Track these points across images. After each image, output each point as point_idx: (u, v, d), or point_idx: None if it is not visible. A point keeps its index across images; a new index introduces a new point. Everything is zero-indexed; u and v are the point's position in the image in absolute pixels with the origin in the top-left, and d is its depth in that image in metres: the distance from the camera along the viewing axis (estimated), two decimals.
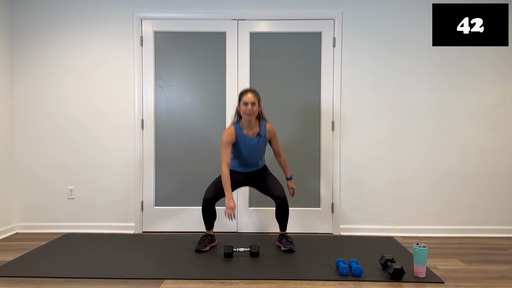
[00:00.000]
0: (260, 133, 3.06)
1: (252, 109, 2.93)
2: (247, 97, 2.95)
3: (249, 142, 3.04)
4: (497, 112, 3.60)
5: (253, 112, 2.95)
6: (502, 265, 2.83)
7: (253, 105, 2.94)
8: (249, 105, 2.93)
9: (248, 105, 2.93)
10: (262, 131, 3.06)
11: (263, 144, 3.11)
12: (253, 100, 2.94)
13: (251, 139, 3.04)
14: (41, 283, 2.46)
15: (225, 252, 2.91)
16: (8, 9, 3.60)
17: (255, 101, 2.95)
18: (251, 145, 3.05)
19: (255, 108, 2.95)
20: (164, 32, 3.65)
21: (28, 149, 3.68)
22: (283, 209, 3.11)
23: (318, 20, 3.61)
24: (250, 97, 2.95)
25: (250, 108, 2.93)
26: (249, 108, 2.93)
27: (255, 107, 2.95)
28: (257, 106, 2.98)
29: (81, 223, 3.68)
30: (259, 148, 3.10)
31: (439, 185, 3.62)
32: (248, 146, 3.05)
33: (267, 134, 3.10)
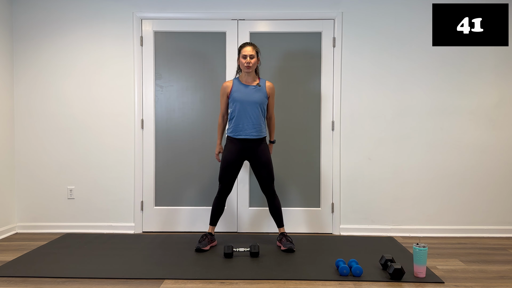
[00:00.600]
0: (260, 83, 3.10)
1: (250, 61, 3.00)
2: (246, 50, 3.01)
3: (245, 90, 3.05)
4: (497, 112, 3.60)
5: (252, 64, 3.01)
6: (502, 265, 2.83)
7: (252, 57, 3.01)
8: (248, 57, 3.00)
9: (247, 58, 3.00)
10: (262, 82, 3.12)
11: (262, 96, 3.07)
12: (251, 53, 3.01)
13: (248, 86, 3.07)
14: (41, 283, 2.46)
15: (225, 252, 2.91)
16: (8, 9, 3.60)
17: (253, 53, 3.02)
18: (247, 93, 3.04)
19: (253, 60, 3.02)
20: (164, 32, 3.65)
21: (28, 149, 3.68)
22: (274, 201, 3.14)
23: (318, 20, 3.61)
24: (249, 49, 3.01)
25: (249, 60, 3.00)
26: (248, 60, 3.00)
27: (254, 60, 3.02)
28: (256, 59, 3.04)
29: (81, 223, 3.69)
30: (258, 99, 3.05)
31: (439, 185, 3.62)
32: (244, 93, 3.04)
33: (267, 89, 3.12)
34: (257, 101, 3.06)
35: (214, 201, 3.14)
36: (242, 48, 3.06)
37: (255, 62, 3.05)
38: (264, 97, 3.09)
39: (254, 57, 3.03)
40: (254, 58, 3.03)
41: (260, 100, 3.07)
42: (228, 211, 3.67)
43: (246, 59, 3.00)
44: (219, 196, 3.13)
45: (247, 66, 3.01)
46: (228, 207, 3.67)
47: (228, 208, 3.67)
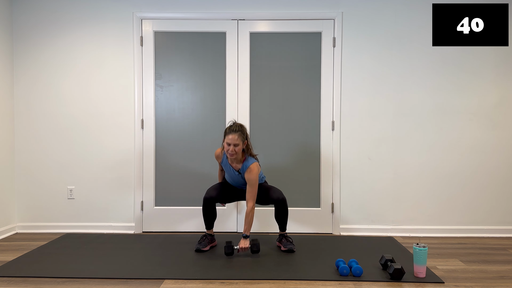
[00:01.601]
0: (240, 171, 3.06)
1: (234, 149, 2.91)
2: (229, 138, 2.90)
3: (232, 172, 3.09)
4: (497, 112, 3.60)
5: (235, 152, 2.93)
6: (502, 265, 2.83)
7: (236, 146, 2.91)
8: (231, 146, 2.91)
9: (231, 146, 2.91)
10: (242, 170, 3.04)
11: (245, 180, 3.07)
12: (235, 142, 2.90)
13: (232, 169, 3.08)
14: (41, 283, 2.46)
15: (225, 252, 2.91)
16: (8, 9, 3.60)
17: (237, 142, 2.90)
18: (234, 175, 3.10)
19: (237, 148, 2.92)
20: (164, 32, 3.65)
21: (28, 149, 3.68)
22: (282, 211, 3.12)
23: (318, 20, 3.61)
24: (232, 138, 2.90)
25: (232, 148, 2.91)
26: (231, 149, 2.91)
27: (238, 148, 2.92)
28: (240, 146, 2.93)
29: (81, 223, 3.68)
30: (241, 182, 3.13)
31: (439, 185, 3.62)
32: (231, 174, 3.11)
33: (247, 174, 2.98)
34: (242, 184, 3.12)
35: (202, 209, 3.10)
36: (226, 134, 2.95)
37: (240, 149, 2.93)
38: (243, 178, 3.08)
39: (239, 145, 2.92)
40: (238, 146, 2.91)
41: (245, 182, 3.08)
42: (228, 211, 3.67)
43: (230, 147, 2.91)
44: (205, 203, 3.08)
45: (230, 154, 2.93)
46: (228, 207, 3.67)
47: (228, 208, 3.68)
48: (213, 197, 3.07)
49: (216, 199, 3.10)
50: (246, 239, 2.95)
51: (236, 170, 3.06)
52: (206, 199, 3.07)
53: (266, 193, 3.13)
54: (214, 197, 3.08)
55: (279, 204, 3.09)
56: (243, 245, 2.92)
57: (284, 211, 3.12)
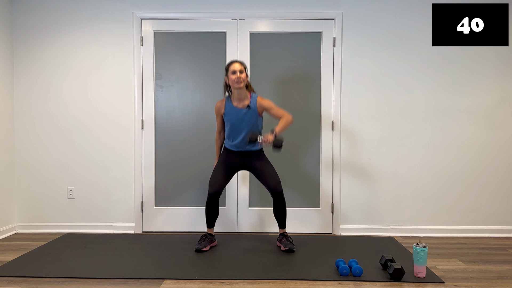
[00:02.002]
0: (250, 105, 3.04)
1: (240, 76, 2.96)
2: (234, 66, 2.98)
3: (237, 113, 3.05)
4: (497, 112, 3.60)
5: (242, 79, 2.97)
6: (502, 265, 2.83)
7: (241, 72, 2.97)
8: (237, 72, 2.96)
9: (237, 73, 2.96)
10: (252, 103, 3.05)
11: (253, 117, 3.05)
12: (240, 68, 2.98)
13: (240, 109, 3.05)
14: (41, 283, 2.46)
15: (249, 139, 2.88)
16: (8, 9, 3.60)
17: (242, 69, 2.99)
18: (240, 116, 3.04)
19: (243, 75, 2.98)
20: (164, 32, 3.65)
21: (28, 149, 3.68)
22: (280, 205, 3.10)
23: (318, 20, 3.61)
24: (237, 65, 2.98)
25: (239, 75, 2.95)
26: (238, 76, 2.95)
27: (243, 75, 2.99)
28: (245, 74, 3.01)
29: (81, 223, 3.69)
30: (249, 121, 3.05)
31: (439, 185, 3.62)
32: (237, 117, 3.05)
33: (258, 107, 3.06)
34: (249, 123, 3.06)
35: (206, 206, 3.11)
36: (229, 65, 3.01)
37: (245, 77, 3.00)
38: (256, 118, 3.07)
39: (244, 72, 2.99)
40: (243, 73, 2.98)
41: (252, 122, 3.06)
42: (228, 211, 3.67)
43: (236, 74, 2.94)
44: (210, 199, 3.08)
45: (237, 81, 2.95)
46: (228, 207, 3.67)
47: (228, 208, 3.68)
48: (217, 191, 3.05)
49: (221, 191, 3.08)
50: (273, 134, 2.91)
51: (245, 107, 3.04)
52: (211, 195, 3.05)
53: (265, 173, 3.08)
54: (219, 190, 3.06)
55: (276, 197, 3.07)
56: (268, 138, 2.88)
57: (282, 205, 3.10)
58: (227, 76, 3.03)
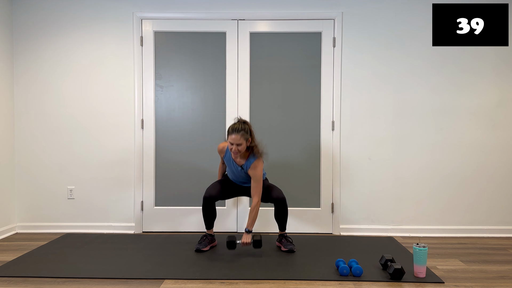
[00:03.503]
0: (243, 166, 3.07)
1: (237, 149, 2.93)
2: (232, 138, 2.91)
3: (234, 167, 3.10)
4: (497, 112, 3.60)
5: (238, 151, 2.94)
6: (502, 265, 2.83)
7: (238, 145, 2.92)
8: (234, 145, 2.92)
9: (234, 145, 2.93)
10: (245, 166, 3.05)
11: (247, 175, 3.10)
12: (238, 142, 2.91)
13: (235, 164, 3.09)
14: (41, 283, 2.46)
15: (227, 241, 2.91)
16: (8, 9, 3.60)
17: (240, 142, 2.91)
18: (237, 170, 3.10)
19: (240, 147, 2.93)
20: (164, 32, 3.65)
21: (28, 149, 3.68)
22: (282, 210, 3.11)
23: (318, 20, 3.61)
24: (234, 138, 2.90)
25: (236, 148, 2.93)
26: (234, 148, 2.93)
27: (241, 147, 2.93)
28: (244, 145, 2.94)
29: (81, 223, 3.68)
30: (243, 178, 3.14)
31: (439, 185, 3.62)
32: (233, 169, 3.11)
33: (249, 171, 3.03)
34: (243, 177, 3.13)
35: (202, 209, 3.10)
36: (230, 133, 2.94)
37: (243, 148, 2.94)
38: (249, 178, 3.10)
39: (242, 144, 2.93)
40: (241, 145, 2.93)
41: (247, 179, 3.13)
42: (228, 211, 3.67)
43: (233, 147, 2.93)
44: (205, 202, 3.08)
45: (234, 153, 2.96)
46: (228, 207, 3.67)
47: (228, 208, 3.68)
48: (212, 196, 3.07)
49: (216, 198, 3.09)
50: (249, 234, 2.96)
51: (239, 165, 3.07)
52: (206, 198, 3.07)
53: (266, 192, 3.13)
54: (214, 196, 3.07)
55: (279, 203, 3.09)
56: (245, 240, 2.92)
57: (284, 210, 3.12)
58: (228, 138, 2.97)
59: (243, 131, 2.94)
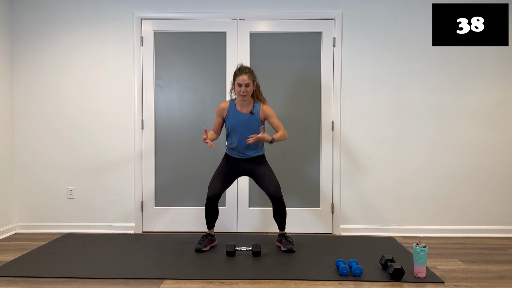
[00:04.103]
0: (253, 111, 3.05)
1: (246, 90, 2.95)
2: (241, 79, 2.94)
3: (240, 118, 3.04)
4: (497, 112, 3.60)
5: (247, 93, 2.97)
6: (502, 265, 2.83)
7: (247, 86, 2.95)
8: (243, 86, 2.94)
9: (242, 86, 2.94)
10: (255, 110, 3.05)
11: (255, 123, 3.06)
12: (247, 82, 2.94)
13: (243, 114, 3.05)
14: (41, 283, 2.46)
15: (227, 251, 2.92)
16: (8, 9, 3.60)
17: (249, 82, 2.95)
18: (242, 121, 3.04)
19: (248, 89, 2.96)
20: (164, 32, 3.65)
21: (28, 149, 3.68)
22: (279, 209, 3.10)
23: (318, 20, 3.61)
24: (244, 78, 2.93)
25: (244, 89, 2.94)
26: (243, 89, 2.94)
27: (249, 88, 2.97)
28: (251, 86, 2.99)
29: (81, 223, 3.68)
30: (251, 126, 3.05)
31: (439, 185, 3.62)
32: (239, 121, 3.04)
33: (261, 114, 3.06)
34: (251, 128, 3.05)
35: (205, 208, 3.11)
36: (237, 76, 2.96)
37: (251, 89, 2.98)
38: (258, 124, 3.06)
39: (250, 85, 2.96)
40: (249, 86, 2.96)
41: (254, 128, 3.06)
42: (228, 211, 3.67)
43: (242, 88, 2.93)
44: (208, 202, 3.08)
45: (242, 95, 2.97)
46: (228, 207, 3.67)
47: (228, 208, 3.68)
48: (216, 195, 3.05)
49: (220, 194, 3.08)
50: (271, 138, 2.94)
51: (248, 112, 3.04)
52: (210, 197, 3.05)
53: (265, 178, 3.09)
54: (217, 193, 3.06)
55: (276, 202, 3.07)
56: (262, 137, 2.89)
57: (282, 209, 3.10)
58: (235, 82, 3.00)
59: (250, 72, 2.98)
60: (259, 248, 2.93)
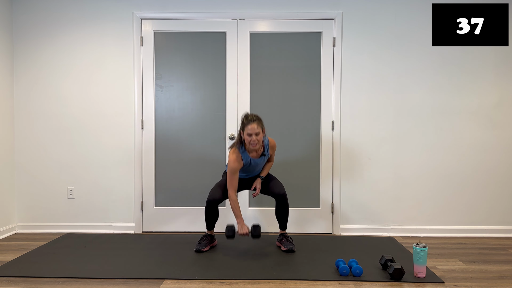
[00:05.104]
0: (265, 153, 3.08)
1: (256, 139, 2.88)
2: (251, 128, 2.85)
3: (254, 162, 3.07)
4: (497, 112, 3.60)
5: (258, 141, 2.90)
6: (502, 265, 2.83)
7: (257, 135, 2.88)
8: (253, 135, 2.87)
9: (253, 136, 2.87)
10: (266, 151, 3.08)
11: (266, 158, 3.14)
12: (257, 131, 2.86)
13: (256, 159, 3.07)
14: (41, 283, 2.46)
15: (226, 235, 2.94)
16: (8, 9, 3.60)
17: (259, 131, 2.87)
18: (256, 163, 3.09)
19: (259, 137, 2.89)
20: (164, 32, 3.65)
21: (28, 149, 3.68)
22: (283, 207, 3.11)
23: (318, 20, 3.61)
24: (253, 127, 2.85)
25: (255, 138, 2.88)
26: (253, 139, 2.88)
27: (259, 137, 2.89)
28: (261, 135, 2.91)
29: (81, 223, 3.68)
30: (262, 163, 3.15)
31: (439, 185, 3.62)
32: (253, 165, 3.08)
33: (271, 150, 3.16)
34: (261, 166, 3.14)
35: (205, 210, 3.10)
36: (245, 125, 2.88)
37: (261, 137, 2.91)
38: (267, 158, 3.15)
39: (260, 133, 2.88)
40: (259, 135, 2.88)
41: (263, 163, 3.15)
42: (228, 211, 3.66)
43: (252, 137, 2.87)
44: (208, 205, 3.08)
45: (253, 145, 2.90)
46: (228, 207, 3.66)
47: (228, 208, 3.67)
48: (216, 200, 3.06)
49: (220, 200, 3.08)
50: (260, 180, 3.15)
51: (259, 156, 3.05)
52: (210, 201, 3.06)
53: (268, 184, 3.15)
54: (217, 199, 3.06)
55: (280, 198, 3.09)
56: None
57: (285, 206, 3.11)
58: (242, 132, 2.92)
59: (258, 120, 2.92)
60: (258, 231, 2.93)
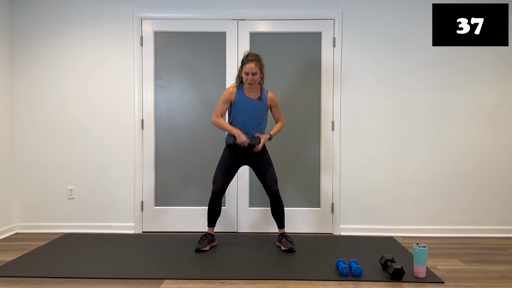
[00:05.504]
0: (261, 97, 3.07)
1: (253, 78, 2.97)
2: (249, 68, 2.94)
3: (248, 103, 3.05)
4: (497, 112, 3.60)
5: (254, 81, 2.99)
6: (502, 265, 2.83)
7: (254, 74, 2.97)
8: (250, 75, 2.96)
9: (249, 75, 2.96)
10: (263, 96, 3.08)
11: (263, 108, 3.09)
12: (254, 70, 2.95)
13: (251, 100, 3.06)
14: (41, 283, 2.46)
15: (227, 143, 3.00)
16: (8, 9, 3.60)
17: (256, 71, 2.96)
18: (250, 106, 3.05)
19: (256, 77, 2.98)
20: (164, 32, 3.65)
21: (28, 149, 3.68)
22: (276, 204, 3.11)
23: (318, 20, 3.61)
24: (251, 67, 2.94)
25: (251, 77, 2.96)
26: (250, 78, 2.96)
27: (256, 77, 2.99)
28: (259, 75, 3.00)
29: (81, 223, 3.69)
30: (258, 112, 3.08)
31: (439, 185, 3.62)
32: (247, 106, 3.05)
33: (268, 101, 3.11)
34: (257, 114, 3.08)
35: (209, 203, 3.11)
36: (245, 64, 2.98)
37: (258, 78, 3.00)
38: (264, 110, 3.11)
39: (257, 74, 2.97)
40: (256, 75, 2.97)
41: (260, 114, 3.09)
42: (228, 211, 3.67)
43: (249, 76, 2.96)
44: (214, 198, 3.09)
45: (249, 83, 2.99)
46: (228, 207, 3.67)
47: (228, 208, 3.67)
48: (221, 189, 3.05)
49: (225, 189, 3.08)
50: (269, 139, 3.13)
51: (256, 98, 3.06)
52: (215, 193, 3.05)
53: (263, 168, 3.11)
54: (222, 187, 3.06)
55: (272, 196, 3.09)
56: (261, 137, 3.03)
57: (278, 204, 3.11)
58: (242, 69, 3.01)
59: (257, 60, 2.99)
60: (256, 140, 2.98)
